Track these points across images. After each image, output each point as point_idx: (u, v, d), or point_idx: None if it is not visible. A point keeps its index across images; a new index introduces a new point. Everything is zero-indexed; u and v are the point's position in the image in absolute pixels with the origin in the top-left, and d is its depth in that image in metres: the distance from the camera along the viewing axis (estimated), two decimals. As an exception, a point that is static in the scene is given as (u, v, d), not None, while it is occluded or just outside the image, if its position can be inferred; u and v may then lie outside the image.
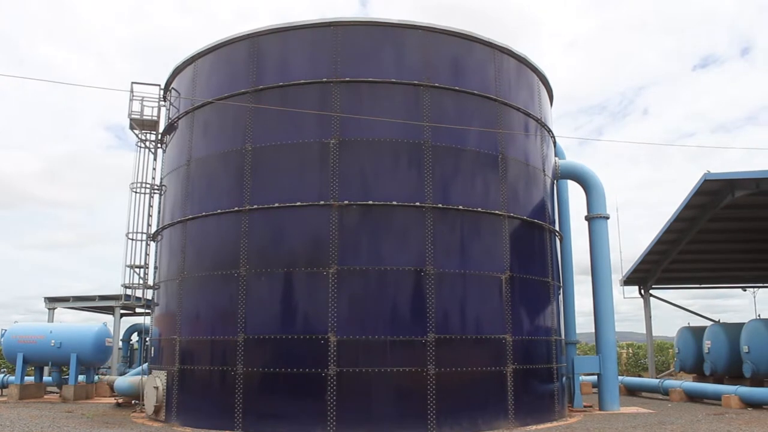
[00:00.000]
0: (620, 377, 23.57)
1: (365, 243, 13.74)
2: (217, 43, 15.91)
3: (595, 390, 19.21)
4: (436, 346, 13.34)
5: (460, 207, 14.27)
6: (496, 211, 14.80)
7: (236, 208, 14.35)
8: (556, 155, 18.59)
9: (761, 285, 32.69)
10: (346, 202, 13.70)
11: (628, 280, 30.18)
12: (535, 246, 15.97)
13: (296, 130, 14.30)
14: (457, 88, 15.00)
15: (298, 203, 13.86)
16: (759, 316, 25.47)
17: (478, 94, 15.25)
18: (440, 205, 14.04)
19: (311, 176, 14.08)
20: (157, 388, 15.06)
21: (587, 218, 18.96)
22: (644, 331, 31.72)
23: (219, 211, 14.64)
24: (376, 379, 13.08)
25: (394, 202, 13.79)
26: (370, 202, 13.73)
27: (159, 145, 17.82)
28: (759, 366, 23.15)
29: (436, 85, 14.77)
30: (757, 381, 23.20)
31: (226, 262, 14.27)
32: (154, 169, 17.63)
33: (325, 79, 14.50)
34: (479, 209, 14.52)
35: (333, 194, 13.73)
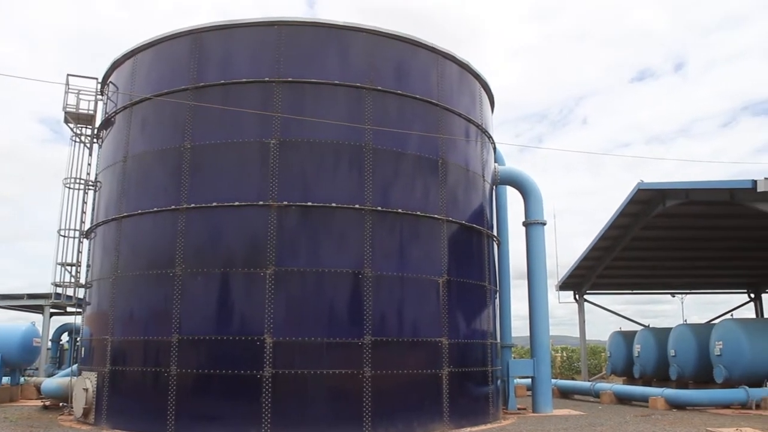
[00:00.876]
0: (554, 380, 24.06)
1: (304, 244, 13.67)
2: (158, 37, 15.62)
3: (529, 393, 19.56)
4: (373, 349, 13.38)
5: (400, 210, 14.35)
6: (435, 215, 14.93)
7: (173, 207, 14.09)
8: (496, 161, 18.86)
9: (689, 291, 33.82)
10: (285, 202, 13.62)
11: (564, 285, 30.79)
12: (472, 250, 16.16)
13: (237, 129, 14.15)
14: (399, 91, 15.08)
15: (237, 203, 13.71)
16: (686, 321, 26.29)
17: (421, 98, 15.37)
18: (380, 208, 14.09)
19: (251, 176, 13.95)
20: (86, 389, 14.67)
21: (525, 224, 19.29)
22: (579, 335, 32.43)
23: (155, 209, 14.36)
24: (312, 381, 13.03)
25: (334, 204, 13.78)
26: (310, 204, 13.68)
27: (95, 140, 17.37)
28: (684, 369, 23.95)
29: (379, 88, 14.81)
30: (682, 383, 24.01)
31: (162, 262, 14.01)
32: (89, 164, 17.18)
33: (267, 79, 14.38)
34: (418, 213, 14.62)
35: (272, 195, 13.63)
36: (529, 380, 19.18)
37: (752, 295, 33.40)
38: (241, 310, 13.59)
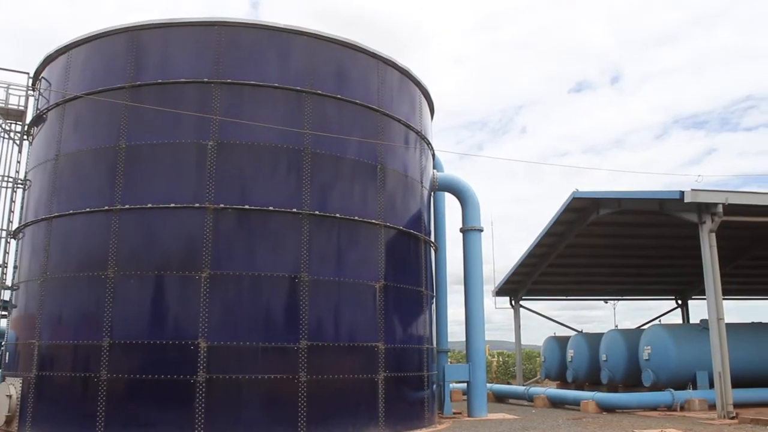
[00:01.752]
0: (489, 384, 24.38)
1: (240, 248, 13.54)
2: (94, 33, 15.23)
3: (465, 397, 19.79)
4: (309, 353, 13.33)
5: (338, 215, 14.35)
6: (373, 221, 14.99)
7: (107, 207, 13.76)
8: (434, 168, 19.04)
9: (620, 298, 34.74)
10: (222, 205, 13.47)
11: (500, 291, 31.24)
12: (410, 256, 16.28)
13: (174, 129, 13.91)
14: (339, 96, 15.09)
15: (173, 205, 13.48)
16: (617, 326, 27.04)
17: (361, 103, 15.42)
18: (317, 213, 14.07)
19: (187, 178, 13.74)
20: (10, 396, 14.15)
21: (462, 230, 19.52)
22: (515, 340, 32.95)
23: (88, 209, 13.99)
24: (246, 385, 12.90)
25: (271, 208, 13.69)
26: (247, 207, 13.55)
27: (25, 137, 16.82)
28: (615, 373, 24.62)
29: (319, 92, 14.79)
30: (612, 387, 24.67)
31: (94, 263, 13.65)
32: (18, 162, 16.62)
33: (206, 79, 14.20)
34: (356, 218, 14.65)
35: (209, 197, 13.46)
36: (465, 385, 19.40)
37: (679, 302, 34.53)
38: (175, 314, 13.37)
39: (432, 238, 18.11)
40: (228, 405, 12.79)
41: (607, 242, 26.72)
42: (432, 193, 18.59)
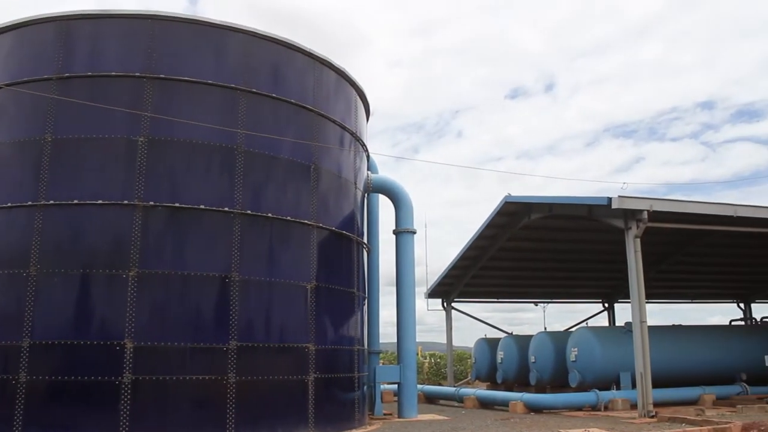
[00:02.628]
0: (420, 386, 24.57)
1: (170, 246, 13.30)
2: (20, 21, 14.63)
3: (396, 398, 19.88)
4: (238, 354, 13.18)
5: (270, 215, 14.23)
6: (306, 221, 14.92)
7: (30, 203, 13.27)
8: (369, 169, 19.08)
9: (550, 301, 35.48)
10: (151, 203, 13.18)
11: (433, 293, 31.52)
12: (342, 257, 16.27)
13: (103, 123, 13.51)
14: (275, 95, 14.96)
15: (100, 201, 13.12)
16: (545, 329, 27.59)
17: (296, 103, 15.32)
18: (249, 212, 13.92)
19: (116, 174, 13.38)
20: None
21: (395, 232, 19.63)
22: (446, 342, 33.28)
23: (9, 204, 13.46)
24: (173, 387, 12.65)
25: (203, 206, 13.47)
26: (177, 205, 13.30)
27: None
28: (543, 374, 25.13)
29: (254, 90, 14.63)
30: (541, 388, 25.17)
31: (14, 260, 13.12)
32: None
33: (138, 74, 13.85)
34: (289, 218, 14.55)
35: (138, 194, 13.16)
36: (396, 386, 19.51)
37: (606, 305, 35.50)
38: (101, 314, 12.99)
39: (365, 240, 18.14)
40: (154, 407, 12.54)
41: (538, 246, 27.27)
42: (366, 195, 18.63)
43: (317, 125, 15.76)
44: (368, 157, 19.12)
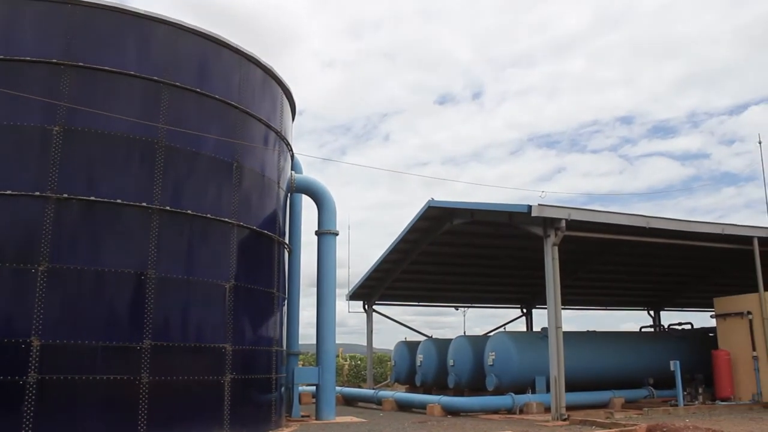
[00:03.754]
0: (339, 388, 24.54)
1: (84, 241, 12.80)
2: (-73, 1, 13.90)
3: (315, 400, 19.77)
4: (153, 354, 12.82)
5: (190, 212, 13.91)
6: (227, 219, 14.67)
7: (-68, 192, 12.58)
8: (293, 169, 18.95)
9: (470, 305, 35.99)
10: (65, 195, 12.67)
11: (354, 296, 31.53)
12: (263, 257, 16.08)
13: (16, 111, 12.86)
14: (199, 90, 14.65)
15: (9, 192, 12.52)
16: (465, 333, 28.00)
17: (221, 99, 15.05)
18: (169, 208, 13.57)
19: (28, 164, 12.78)
20: None
21: (317, 233, 19.55)
22: (366, 344, 33.33)
23: None
24: (83, 387, 12.17)
25: (120, 201, 13.05)
26: (93, 198, 12.83)
27: None
28: (461, 377, 25.47)
29: (178, 84, 14.28)
30: (459, 391, 25.48)
31: None
32: None
33: (55, 60, 13.28)
34: (209, 216, 14.27)
35: (51, 185, 12.62)
36: (315, 388, 19.40)
37: (524, 311, 36.27)
38: (6, 310, 12.34)
39: (287, 240, 17.98)
40: (62, 408, 12.03)
41: (459, 251, 27.63)
42: (289, 195, 18.48)
43: (242, 123, 15.53)
44: (293, 156, 18.98)
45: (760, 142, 33.73)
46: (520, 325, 36.11)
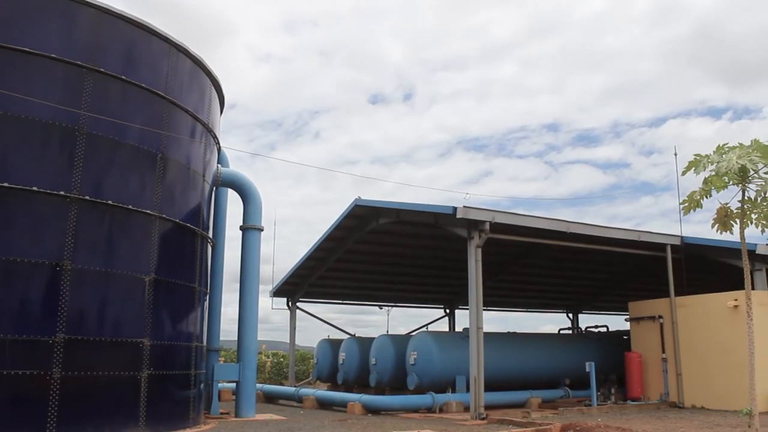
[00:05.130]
0: (260, 385, 24.30)
1: (-5, 230, 12.25)
2: None
3: (234, 397, 19.52)
4: (66, 348, 12.36)
5: (110, 202, 13.49)
6: (149, 211, 14.29)
7: None
8: (219, 162, 18.64)
9: (394, 304, 36.23)
10: (-24, 181, 12.10)
11: (278, 292, 31.28)
12: (185, 250, 15.75)
13: (-76, 92, 12.27)
14: (125, 78, 14.20)
15: None
16: (388, 332, 28.14)
17: (147, 88, 14.65)
18: (88, 198, 13.10)
19: (-64, 148, 12.19)
20: None
21: (242, 228, 19.31)
22: (289, 341, 33.10)
23: None
24: (-13, 382, 11.66)
25: (35, 188, 12.53)
26: (6, 185, 12.24)
27: None
28: (383, 376, 25.59)
29: (103, 70, 13.81)
30: (380, 390, 25.59)
31: None
32: None
33: (-32, 40, 12.68)
34: (131, 207, 13.87)
35: (-39, 171, 12.04)
36: (235, 384, 19.15)
37: (447, 311, 36.73)
38: None
39: (210, 234, 17.65)
40: (-36, 403, 11.50)
41: (385, 250, 27.76)
42: (214, 189, 18.17)
43: (168, 113, 15.17)
44: (220, 150, 18.67)
45: (675, 154, 35.52)
46: (444, 325, 36.55)
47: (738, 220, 10.27)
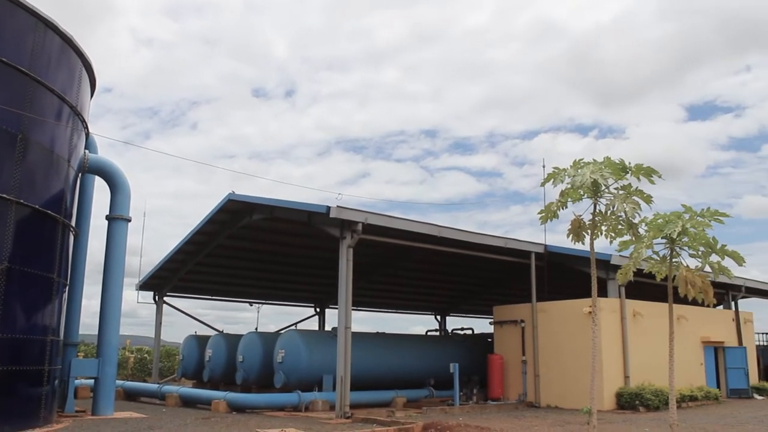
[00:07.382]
0: (120, 382, 23.40)
1: None
2: None
3: (93, 394, 18.70)
4: None
5: (-39, 184, 12.62)
6: (5, 195, 13.42)
7: None
8: (87, 148, 17.78)
9: (264, 302, 35.86)
10: None
11: (145, 286, 30.18)
12: (44, 239, 14.89)
13: None
14: (-16, 51, 13.32)
15: None
16: (257, 329, 27.79)
17: (9, 63, 13.75)
18: (-65, 178, 12.20)
19: None
20: None
21: (108, 218, 18.54)
22: (154, 337, 32.06)
23: None
24: None
25: None
26: None
27: None
28: (250, 374, 25.28)
29: (-42, 41, 12.90)
30: (247, 388, 25.27)
31: None
32: None
33: None
34: (-15, 190, 13.02)
35: None
36: (94, 381, 18.34)
37: (318, 310, 36.76)
38: None
39: (73, 223, 16.79)
40: None
41: (258, 247, 27.43)
42: (80, 175, 17.30)
43: (32, 92, 14.30)
44: (88, 135, 17.81)
45: (543, 166, 37.29)
46: (314, 324, 36.54)
47: (590, 232, 10.93)
